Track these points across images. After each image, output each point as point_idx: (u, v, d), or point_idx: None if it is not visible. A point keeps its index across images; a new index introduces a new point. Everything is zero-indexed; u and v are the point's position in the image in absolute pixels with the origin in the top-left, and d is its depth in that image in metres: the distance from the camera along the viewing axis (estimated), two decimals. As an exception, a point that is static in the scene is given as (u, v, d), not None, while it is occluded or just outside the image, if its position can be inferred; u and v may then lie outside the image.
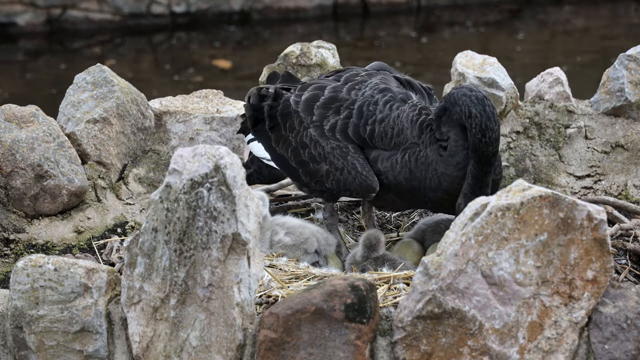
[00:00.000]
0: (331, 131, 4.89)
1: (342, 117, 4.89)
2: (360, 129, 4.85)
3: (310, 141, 4.93)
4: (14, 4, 14.81)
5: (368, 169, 4.81)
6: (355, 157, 4.84)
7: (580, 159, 5.70)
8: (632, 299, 4.12)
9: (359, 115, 4.87)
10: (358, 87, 4.96)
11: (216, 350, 4.15)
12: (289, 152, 5.00)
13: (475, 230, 4.03)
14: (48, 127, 5.32)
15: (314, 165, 4.93)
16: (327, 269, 4.81)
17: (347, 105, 4.91)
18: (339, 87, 4.97)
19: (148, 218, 4.15)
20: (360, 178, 4.82)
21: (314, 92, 4.98)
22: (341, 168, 4.85)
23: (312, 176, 4.95)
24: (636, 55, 5.62)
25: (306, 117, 4.95)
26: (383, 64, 5.24)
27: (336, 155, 4.87)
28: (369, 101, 4.88)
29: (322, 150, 4.91)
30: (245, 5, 15.31)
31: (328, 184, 4.92)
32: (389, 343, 4.15)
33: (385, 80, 5.01)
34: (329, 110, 4.92)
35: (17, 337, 4.34)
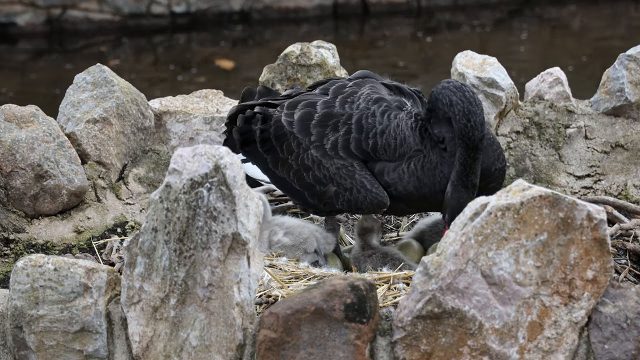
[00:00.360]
0: (333, 149, 4.82)
1: (341, 133, 4.82)
2: (363, 143, 4.79)
3: (312, 163, 4.85)
4: (14, 4, 14.81)
5: (377, 185, 4.77)
6: (362, 175, 4.78)
7: (580, 159, 5.70)
8: (632, 299, 4.12)
9: (358, 129, 4.80)
10: (350, 99, 4.89)
11: (216, 350, 4.15)
12: (291, 175, 4.92)
13: (475, 230, 4.03)
14: (48, 127, 5.32)
15: (320, 187, 4.85)
16: (327, 268, 4.81)
17: (344, 120, 4.83)
18: (331, 102, 4.89)
19: (148, 218, 4.15)
20: (371, 196, 4.76)
21: (306, 109, 4.90)
22: (350, 188, 4.79)
23: (320, 198, 4.87)
24: (636, 55, 5.62)
25: (304, 138, 4.87)
26: (367, 71, 5.16)
27: (342, 176, 4.80)
28: (366, 114, 4.82)
29: (327, 172, 4.83)
30: (245, 5, 15.31)
31: (338, 205, 4.85)
32: (389, 343, 4.15)
33: (376, 89, 4.94)
34: (326, 128, 4.85)
35: (17, 336, 4.34)
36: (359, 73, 5.15)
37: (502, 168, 4.73)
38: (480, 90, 5.65)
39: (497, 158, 4.71)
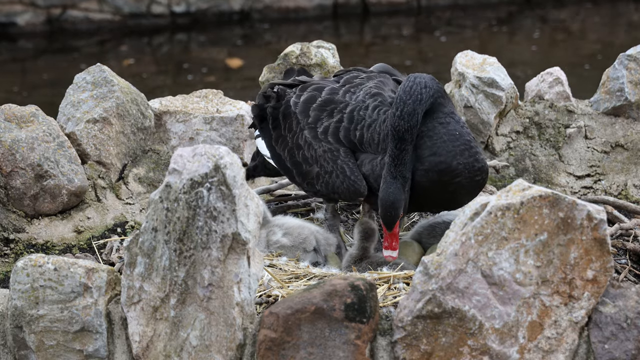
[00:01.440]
0: (324, 134, 4.92)
1: (334, 120, 4.91)
2: (351, 133, 4.87)
3: (304, 143, 4.97)
4: (14, 4, 14.81)
5: (357, 173, 4.82)
6: (344, 162, 4.86)
7: (580, 159, 5.70)
8: (632, 299, 4.12)
9: (349, 119, 4.88)
10: (353, 90, 4.98)
11: (216, 350, 4.15)
12: (286, 152, 5.04)
13: (475, 230, 4.03)
14: (48, 127, 5.32)
15: (307, 167, 4.96)
16: (327, 268, 4.81)
17: (340, 108, 4.93)
18: (337, 89, 5.00)
19: (148, 218, 4.15)
20: (347, 182, 4.83)
21: (312, 93, 5.02)
22: (330, 171, 4.88)
23: (304, 177, 4.99)
24: (636, 55, 5.62)
25: (303, 119, 4.98)
26: (387, 65, 5.25)
27: (327, 159, 4.89)
28: (360, 106, 4.90)
29: (314, 153, 4.94)
30: (245, 5, 15.31)
31: (318, 186, 4.95)
32: (389, 343, 4.15)
33: (382, 83, 5.01)
34: (323, 113, 4.95)
35: (17, 336, 4.34)
36: (378, 66, 5.24)
37: (471, 163, 4.63)
38: (480, 90, 5.65)
39: (459, 153, 4.62)
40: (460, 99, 5.71)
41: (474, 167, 4.64)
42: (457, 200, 4.71)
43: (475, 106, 5.68)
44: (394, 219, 4.65)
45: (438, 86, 4.67)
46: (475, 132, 5.73)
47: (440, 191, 4.66)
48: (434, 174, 4.62)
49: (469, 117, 5.71)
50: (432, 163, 4.62)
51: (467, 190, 4.66)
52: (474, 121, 5.71)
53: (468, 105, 5.69)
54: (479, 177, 4.66)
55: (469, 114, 5.71)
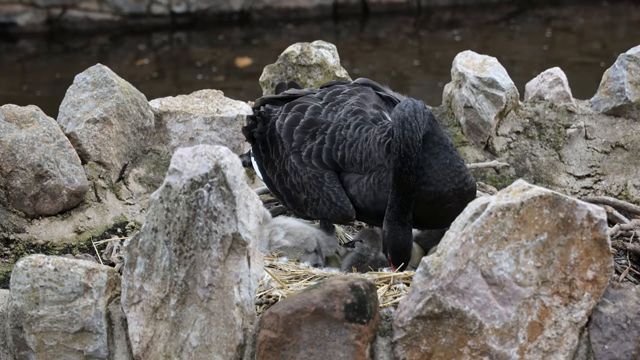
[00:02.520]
0: (308, 157, 4.92)
1: (317, 142, 4.91)
2: (333, 154, 4.87)
3: (290, 169, 4.98)
4: (14, 4, 14.81)
5: (343, 198, 4.83)
6: (330, 187, 4.86)
7: (580, 159, 5.70)
8: (632, 299, 4.12)
9: (331, 140, 4.88)
10: (335, 108, 4.96)
11: (216, 351, 4.15)
12: (275, 177, 5.06)
13: (475, 230, 4.03)
14: (48, 127, 5.32)
15: (295, 193, 4.99)
16: (327, 269, 4.81)
17: (322, 129, 4.92)
18: (319, 108, 4.98)
19: (148, 218, 4.15)
20: (335, 209, 4.85)
21: (295, 113, 5.00)
22: (317, 199, 4.90)
23: (294, 204, 5.01)
24: (636, 55, 5.62)
25: (287, 143, 4.98)
26: (368, 79, 5.20)
27: (312, 186, 4.90)
28: (342, 125, 4.89)
29: (300, 180, 4.95)
30: (245, 5, 15.31)
31: (308, 213, 4.98)
32: (389, 343, 4.15)
33: (363, 99, 4.98)
34: (306, 135, 4.94)
35: (17, 337, 4.34)
36: (360, 80, 5.19)
37: (460, 189, 4.66)
38: (481, 90, 5.65)
39: (450, 180, 4.64)
40: (461, 99, 5.71)
41: (463, 192, 4.67)
42: (447, 221, 4.74)
43: (476, 106, 5.68)
44: (406, 262, 4.74)
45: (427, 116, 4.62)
46: (475, 132, 5.73)
47: (430, 215, 4.70)
48: (425, 203, 4.66)
49: (469, 117, 5.71)
50: (424, 192, 4.63)
51: (456, 212, 4.67)
52: (474, 121, 5.71)
53: (468, 105, 5.69)
54: (468, 198, 4.68)
55: (469, 114, 5.71)
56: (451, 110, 5.85)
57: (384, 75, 12.78)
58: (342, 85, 5.10)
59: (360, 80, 5.19)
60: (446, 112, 5.86)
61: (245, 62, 13.73)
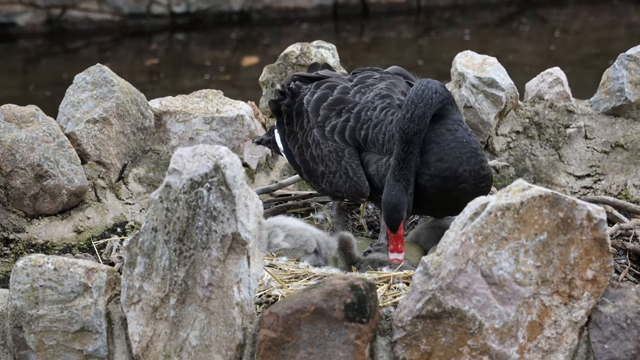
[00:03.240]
0: (331, 132, 4.98)
1: (342, 119, 4.97)
2: (356, 132, 4.91)
3: (312, 142, 5.03)
4: (14, 4, 14.81)
5: (360, 174, 4.87)
6: (348, 162, 4.91)
7: (580, 159, 5.70)
8: (631, 299, 4.12)
9: (356, 119, 4.93)
10: (364, 90, 5.03)
11: (216, 350, 4.15)
12: (295, 149, 5.12)
13: (475, 230, 4.03)
14: (48, 127, 5.32)
15: (313, 165, 5.04)
16: (326, 268, 4.81)
17: (349, 108, 4.98)
18: (348, 89, 5.05)
19: (148, 218, 4.15)
20: (350, 183, 4.89)
21: (325, 91, 5.08)
22: (334, 171, 4.94)
23: (310, 175, 5.07)
24: (636, 55, 5.62)
25: (313, 117, 5.05)
26: (401, 68, 5.29)
27: (332, 159, 4.95)
28: (368, 107, 4.94)
29: (320, 152, 5.00)
30: (245, 5, 15.31)
31: (322, 185, 5.03)
32: (389, 342, 4.15)
33: (393, 85, 5.05)
34: (332, 112, 5.01)
35: (17, 336, 4.34)
36: (393, 68, 5.29)
37: (477, 171, 4.66)
38: (480, 90, 5.65)
39: (466, 160, 4.65)
40: (460, 99, 5.71)
41: (479, 174, 4.68)
42: (460, 206, 4.71)
43: (475, 106, 5.68)
44: (397, 222, 4.68)
45: (447, 93, 4.69)
46: (475, 132, 5.73)
47: (444, 196, 4.68)
48: (439, 179, 4.65)
49: (469, 117, 5.72)
50: (439, 169, 4.64)
51: (471, 197, 4.64)
52: (474, 121, 5.71)
53: (468, 105, 5.69)
54: (483, 184, 4.69)
55: (469, 114, 5.71)
56: (451, 110, 5.85)
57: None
58: (374, 72, 5.19)
59: (393, 68, 5.27)
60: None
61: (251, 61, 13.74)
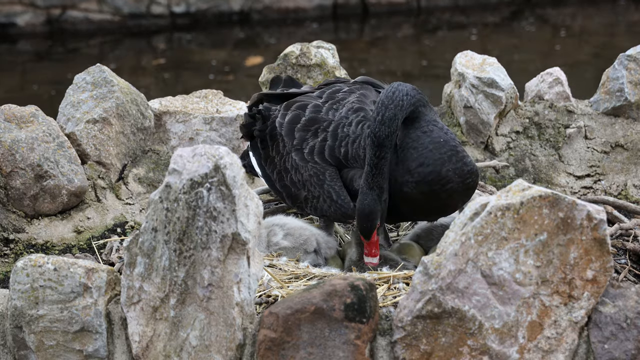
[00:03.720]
0: (310, 154, 4.92)
1: (319, 139, 4.91)
2: (335, 150, 4.86)
3: (291, 167, 4.98)
4: (13, 4, 14.81)
5: (344, 196, 4.83)
6: (330, 185, 4.86)
7: (580, 159, 5.70)
8: (631, 299, 4.12)
9: (333, 137, 4.88)
10: (336, 106, 4.97)
11: (216, 350, 4.15)
12: (274, 174, 5.07)
13: (475, 230, 4.03)
14: (48, 127, 5.32)
15: (295, 190, 4.99)
16: (327, 268, 4.81)
17: (324, 127, 4.92)
18: (320, 107, 4.98)
19: (148, 218, 4.15)
20: (335, 206, 4.85)
21: (296, 112, 5.01)
22: (317, 196, 4.90)
23: (294, 201, 5.02)
24: (636, 55, 5.62)
25: (289, 141, 4.98)
26: (368, 77, 5.20)
27: (313, 183, 4.90)
28: (344, 122, 4.89)
29: (301, 177, 4.95)
30: (245, 5, 15.31)
31: (307, 210, 4.99)
32: (389, 343, 4.15)
33: (363, 97, 4.98)
34: (308, 133, 4.95)
35: (17, 336, 4.34)
36: (360, 78, 5.20)
37: (460, 168, 4.58)
38: (480, 90, 5.65)
39: (447, 160, 4.58)
40: (460, 99, 5.71)
41: (463, 171, 4.61)
42: (450, 206, 4.70)
43: (475, 106, 5.68)
44: (371, 230, 4.66)
45: (420, 95, 4.62)
46: (475, 132, 5.73)
47: (433, 200, 4.63)
48: (425, 185, 4.59)
49: (468, 117, 5.72)
50: (422, 174, 4.58)
51: (459, 195, 4.64)
52: (473, 121, 5.71)
53: (468, 105, 5.69)
54: (469, 179, 4.63)
55: (469, 114, 5.71)
56: (451, 110, 5.85)
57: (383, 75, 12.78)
58: (340, 84, 5.11)
59: (360, 78, 5.20)
60: (446, 112, 5.86)
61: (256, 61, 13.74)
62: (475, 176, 4.66)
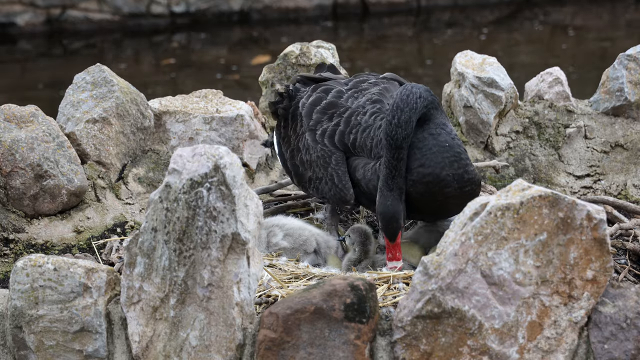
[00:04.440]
0: (321, 136, 4.97)
1: (333, 123, 4.97)
2: (345, 136, 4.90)
3: (303, 146, 5.04)
4: (13, 4, 14.81)
5: (345, 181, 4.87)
6: (334, 169, 4.91)
7: (579, 159, 5.70)
8: (631, 299, 4.12)
9: (346, 123, 4.93)
10: (356, 95, 5.02)
11: (216, 350, 4.15)
12: (288, 152, 5.13)
13: (475, 230, 4.03)
14: (48, 127, 5.31)
15: (302, 170, 5.05)
16: (326, 268, 4.81)
17: (340, 112, 4.97)
18: (342, 92, 5.05)
19: (147, 218, 4.15)
20: (335, 189, 4.89)
21: (319, 94, 5.07)
22: (321, 177, 4.95)
23: (299, 180, 5.09)
24: (636, 55, 5.62)
25: (306, 121, 5.05)
26: (396, 75, 5.25)
27: (319, 165, 4.95)
28: (359, 111, 4.93)
29: (309, 157, 5.00)
30: (244, 5, 15.31)
31: (310, 190, 5.05)
32: (389, 343, 4.15)
33: (385, 90, 5.02)
34: (324, 116, 5.00)
35: (17, 336, 4.34)
36: (388, 75, 5.25)
37: (460, 174, 4.61)
38: (480, 90, 5.65)
39: (449, 164, 4.59)
40: (460, 99, 5.71)
41: (463, 178, 4.62)
42: (446, 210, 4.71)
43: (475, 106, 5.68)
44: (396, 231, 4.67)
45: (432, 97, 4.65)
46: (474, 132, 5.73)
47: (428, 201, 4.65)
48: (422, 185, 4.61)
49: (468, 117, 5.71)
50: (421, 174, 4.61)
51: (456, 201, 4.64)
52: (473, 121, 5.71)
53: (468, 105, 5.69)
54: (468, 187, 4.64)
55: (469, 114, 5.71)
56: (450, 110, 5.85)
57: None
58: (369, 76, 5.18)
59: (389, 75, 5.23)
60: (446, 112, 5.87)
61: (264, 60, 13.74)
62: (476, 185, 4.67)
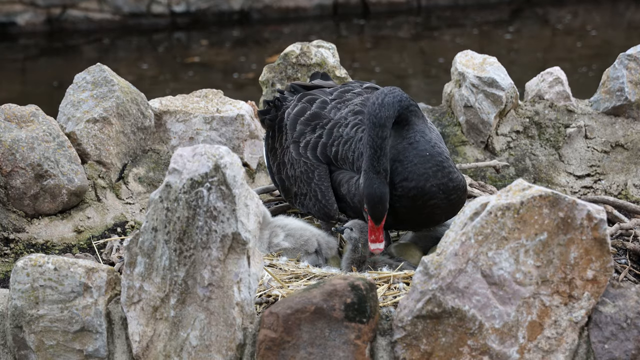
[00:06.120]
0: (304, 149, 4.96)
1: (315, 135, 4.95)
2: (327, 149, 4.89)
3: (288, 161, 5.03)
4: (14, 3, 14.81)
5: (329, 196, 4.87)
6: (317, 184, 4.89)
7: (580, 159, 5.70)
8: (632, 299, 4.12)
9: (328, 135, 4.91)
10: (340, 106, 4.98)
11: (216, 350, 4.15)
12: (275, 166, 5.14)
13: (475, 230, 4.03)
14: (48, 126, 5.31)
15: (288, 184, 5.06)
16: (327, 268, 4.81)
17: (323, 124, 4.95)
18: (327, 103, 5.01)
19: (148, 217, 4.15)
20: (319, 205, 4.90)
21: (304, 105, 5.04)
22: (305, 193, 4.95)
23: (286, 194, 5.11)
24: (636, 55, 5.62)
25: (290, 133, 5.02)
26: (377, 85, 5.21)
27: (303, 180, 4.94)
28: (341, 123, 4.91)
29: (294, 172, 5.00)
30: (245, 4, 15.31)
31: (296, 205, 5.07)
32: (389, 342, 4.15)
33: (367, 100, 4.97)
34: (307, 127, 4.98)
35: (17, 336, 4.34)
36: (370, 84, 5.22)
37: (445, 184, 4.58)
38: (480, 89, 5.65)
39: (432, 175, 4.57)
40: (460, 99, 5.71)
41: (448, 187, 4.60)
42: (433, 220, 4.70)
43: (475, 106, 5.68)
44: (383, 213, 4.60)
45: (411, 102, 4.62)
46: (475, 131, 5.73)
47: (415, 214, 4.64)
48: (407, 199, 4.60)
49: (469, 116, 5.71)
50: (405, 189, 4.59)
51: (442, 210, 4.63)
52: (474, 121, 5.71)
53: (468, 105, 5.69)
54: (454, 195, 4.62)
55: (469, 114, 5.71)
56: (451, 110, 5.85)
57: (383, 75, 12.78)
58: (354, 85, 5.15)
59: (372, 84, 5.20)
60: (446, 112, 5.87)
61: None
62: (462, 192, 4.64)
